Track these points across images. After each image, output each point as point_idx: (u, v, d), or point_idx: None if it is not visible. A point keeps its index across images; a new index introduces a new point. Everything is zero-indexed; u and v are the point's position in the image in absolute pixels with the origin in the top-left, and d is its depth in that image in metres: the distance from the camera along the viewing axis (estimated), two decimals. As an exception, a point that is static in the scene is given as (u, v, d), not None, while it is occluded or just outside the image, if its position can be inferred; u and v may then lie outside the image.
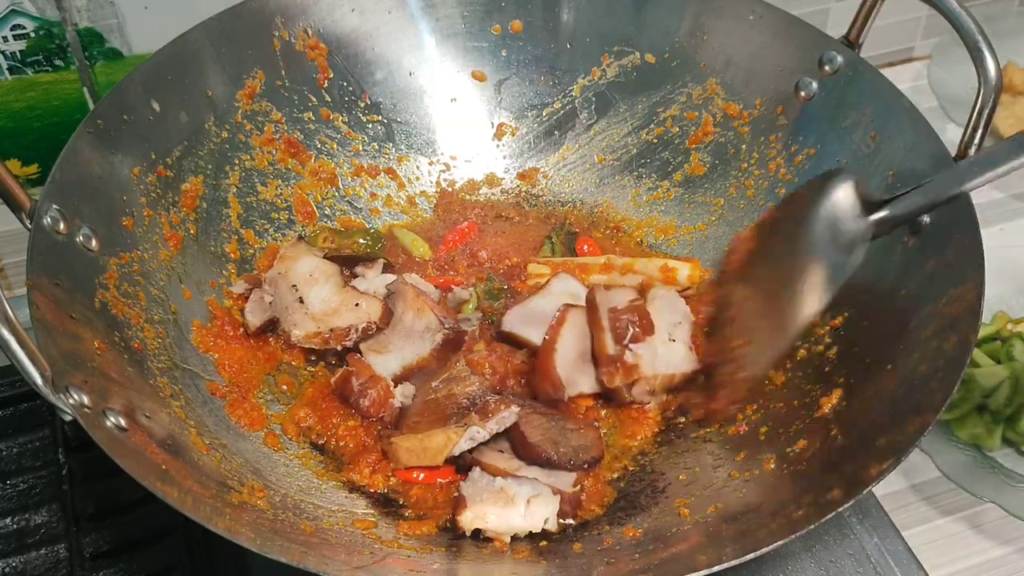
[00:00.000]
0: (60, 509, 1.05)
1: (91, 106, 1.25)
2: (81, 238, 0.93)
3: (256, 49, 1.17)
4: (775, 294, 1.03)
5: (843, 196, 0.99)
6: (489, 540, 0.92)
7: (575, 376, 1.06)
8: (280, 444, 1.01)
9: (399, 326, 1.10)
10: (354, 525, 0.91)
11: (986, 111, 0.96)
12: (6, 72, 1.19)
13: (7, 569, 1.00)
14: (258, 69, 1.18)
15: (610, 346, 1.04)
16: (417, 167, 1.30)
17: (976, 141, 0.97)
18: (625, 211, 1.29)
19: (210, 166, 1.14)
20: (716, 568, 0.71)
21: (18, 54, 1.17)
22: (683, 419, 1.05)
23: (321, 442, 1.03)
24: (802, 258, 1.01)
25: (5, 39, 1.16)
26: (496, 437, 0.99)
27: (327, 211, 1.24)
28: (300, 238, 1.18)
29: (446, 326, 1.08)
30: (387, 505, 0.97)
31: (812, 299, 0.99)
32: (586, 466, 0.99)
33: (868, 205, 0.99)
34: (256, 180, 1.19)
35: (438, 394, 1.04)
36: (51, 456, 1.09)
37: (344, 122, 1.25)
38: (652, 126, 1.29)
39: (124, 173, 1.03)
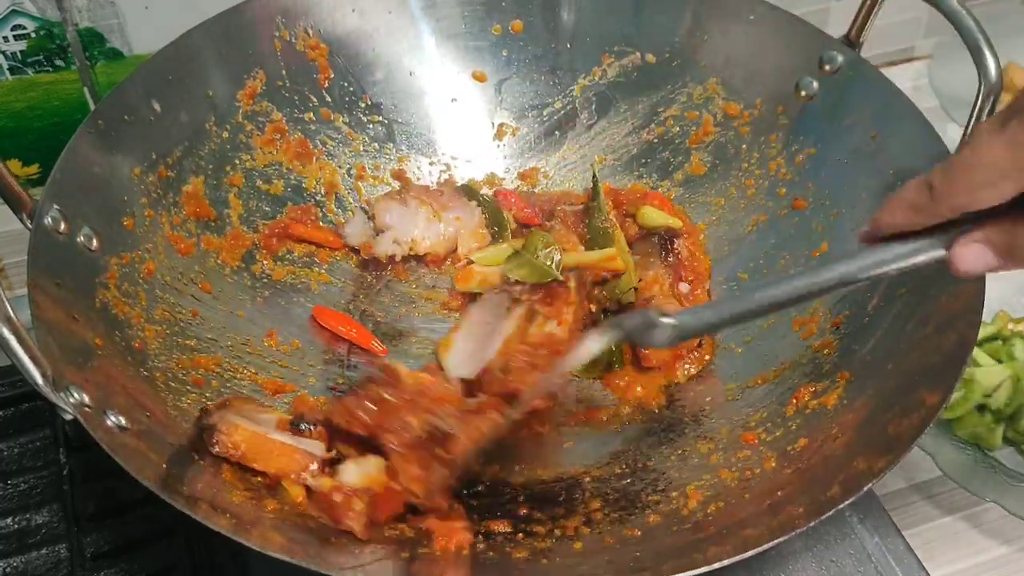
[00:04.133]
0: (61, 509, 1.05)
1: (92, 106, 1.25)
2: (82, 238, 0.93)
3: (257, 49, 1.17)
4: None
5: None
6: (489, 538, 0.92)
7: None
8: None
9: None
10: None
11: (986, 111, 0.96)
12: (7, 72, 1.19)
13: (8, 569, 1.01)
14: (259, 69, 1.18)
15: None
16: (418, 167, 1.30)
17: (976, 141, 0.97)
18: (626, 211, 1.29)
19: (211, 166, 1.14)
20: (716, 565, 0.71)
21: (19, 54, 1.18)
22: None
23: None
24: None
25: (6, 39, 1.16)
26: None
27: (327, 211, 1.25)
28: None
29: None
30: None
31: None
32: None
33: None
34: (258, 180, 1.19)
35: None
36: (52, 456, 1.09)
37: (345, 122, 1.25)
38: (653, 126, 1.29)
39: (125, 173, 1.03)
